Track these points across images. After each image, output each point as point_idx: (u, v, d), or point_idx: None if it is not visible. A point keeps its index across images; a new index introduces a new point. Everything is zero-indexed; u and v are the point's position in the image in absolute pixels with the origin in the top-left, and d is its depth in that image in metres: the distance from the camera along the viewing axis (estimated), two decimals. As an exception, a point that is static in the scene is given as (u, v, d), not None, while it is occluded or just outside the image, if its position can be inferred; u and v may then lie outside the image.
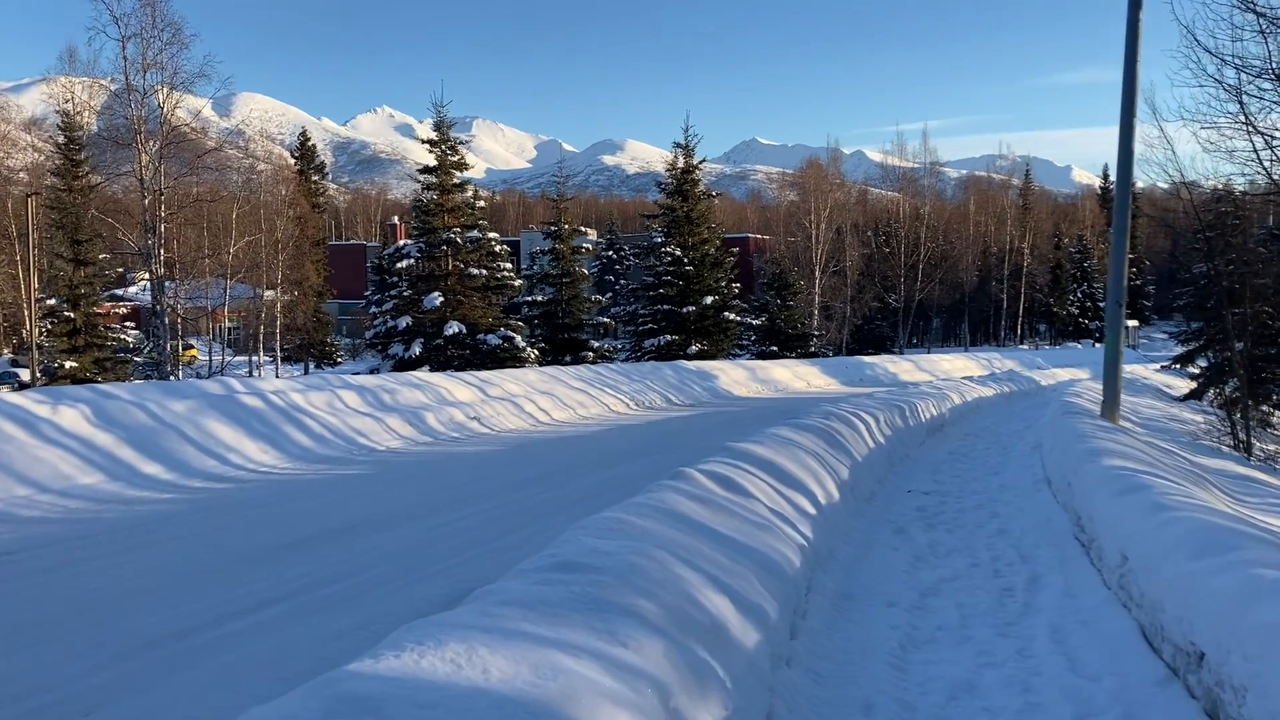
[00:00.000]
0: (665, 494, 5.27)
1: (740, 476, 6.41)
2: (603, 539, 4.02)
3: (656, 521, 4.56)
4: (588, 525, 4.30)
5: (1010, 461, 13.49)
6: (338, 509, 10.34)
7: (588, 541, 3.93)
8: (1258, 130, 18.22)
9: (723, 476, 6.21)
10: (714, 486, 5.95)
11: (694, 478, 5.94)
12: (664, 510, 4.85)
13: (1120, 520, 5.99)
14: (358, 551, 8.17)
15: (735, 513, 5.50)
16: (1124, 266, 12.89)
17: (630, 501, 5.02)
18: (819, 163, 68.52)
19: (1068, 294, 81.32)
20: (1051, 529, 8.32)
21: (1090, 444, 8.71)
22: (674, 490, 5.43)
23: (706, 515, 5.15)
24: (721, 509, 5.43)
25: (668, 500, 5.10)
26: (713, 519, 5.15)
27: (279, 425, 14.62)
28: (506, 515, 9.87)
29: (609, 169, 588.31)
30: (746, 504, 5.95)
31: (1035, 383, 32.55)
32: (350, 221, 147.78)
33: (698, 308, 37.61)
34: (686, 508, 5.09)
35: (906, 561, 7.22)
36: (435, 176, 30.82)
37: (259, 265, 46.11)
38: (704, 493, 5.64)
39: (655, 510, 4.79)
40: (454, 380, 20.01)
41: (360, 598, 6.71)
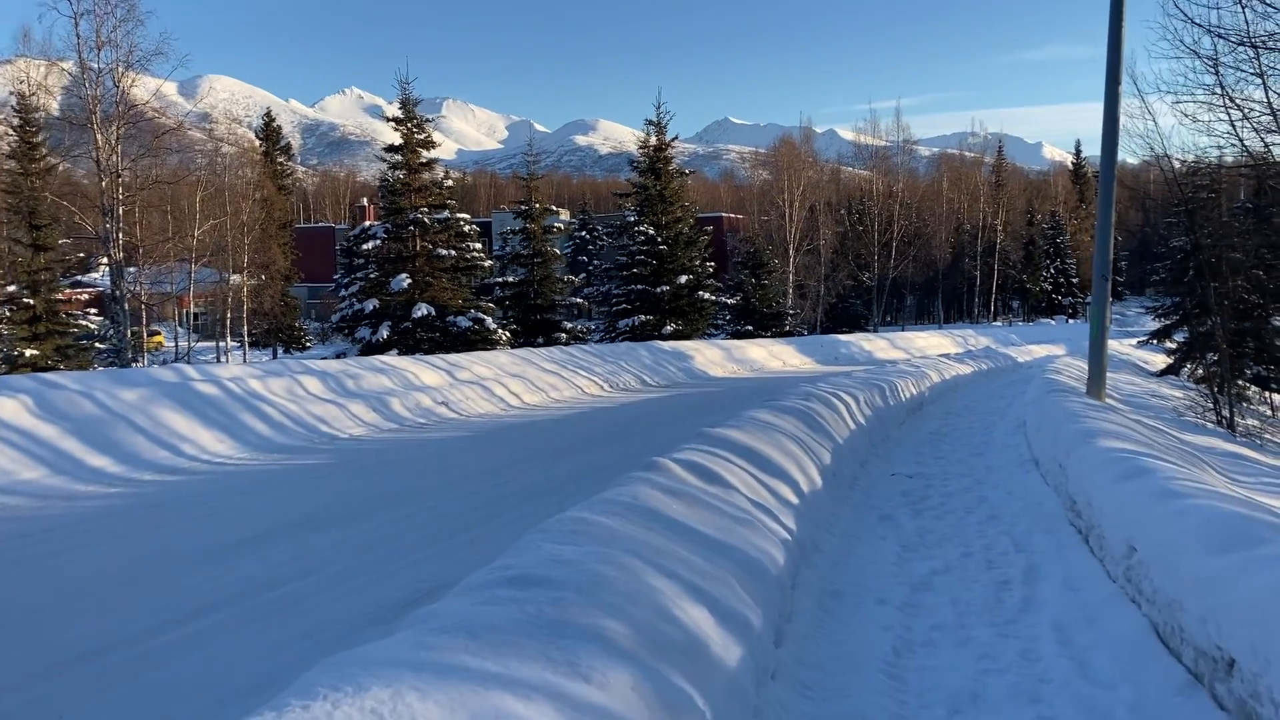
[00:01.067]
0: (636, 488, 4.80)
1: (718, 465, 5.96)
2: (564, 545, 3.55)
3: (626, 521, 4.09)
4: (548, 528, 3.83)
5: (994, 441, 13.13)
6: (294, 502, 9.83)
7: (547, 549, 3.46)
8: (1234, 103, 17.91)
9: (699, 466, 5.75)
10: (690, 477, 5.50)
11: (668, 468, 5.48)
12: (635, 507, 4.38)
13: (1125, 508, 5.58)
14: (312, 549, 7.67)
15: (713, 506, 5.05)
16: (1110, 239, 12.51)
17: (597, 498, 4.55)
18: (792, 141, 68.07)
19: (1041, 270, 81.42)
20: (1044, 513, 7.93)
21: (1083, 424, 8.32)
22: (646, 483, 4.96)
23: (682, 511, 4.70)
24: (698, 503, 4.97)
25: (639, 495, 4.63)
26: (689, 515, 4.69)
27: (236, 413, 14.04)
28: (473, 507, 9.39)
29: (581, 149, 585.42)
30: (725, 495, 5.49)
31: (1012, 359, 32.32)
32: (319, 204, 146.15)
33: (672, 287, 37.10)
34: (660, 503, 4.63)
35: (895, 552, 6.80)
36: (401, 155, 30.08)
37: (224, 249, 45.21)
38: (679, 485, 5.18)
39: (625, 507, 4.33)
40: (421, 364, 19.45)
41: (309, 601, 6.22)
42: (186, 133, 40.00)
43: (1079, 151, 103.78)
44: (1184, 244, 29.47)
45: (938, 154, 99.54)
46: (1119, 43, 12.54)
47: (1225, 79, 17.18)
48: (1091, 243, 75.01)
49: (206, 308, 55.77)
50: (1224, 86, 17.61)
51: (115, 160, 28.70)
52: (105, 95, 29.19)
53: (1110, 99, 12.52)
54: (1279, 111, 17.07)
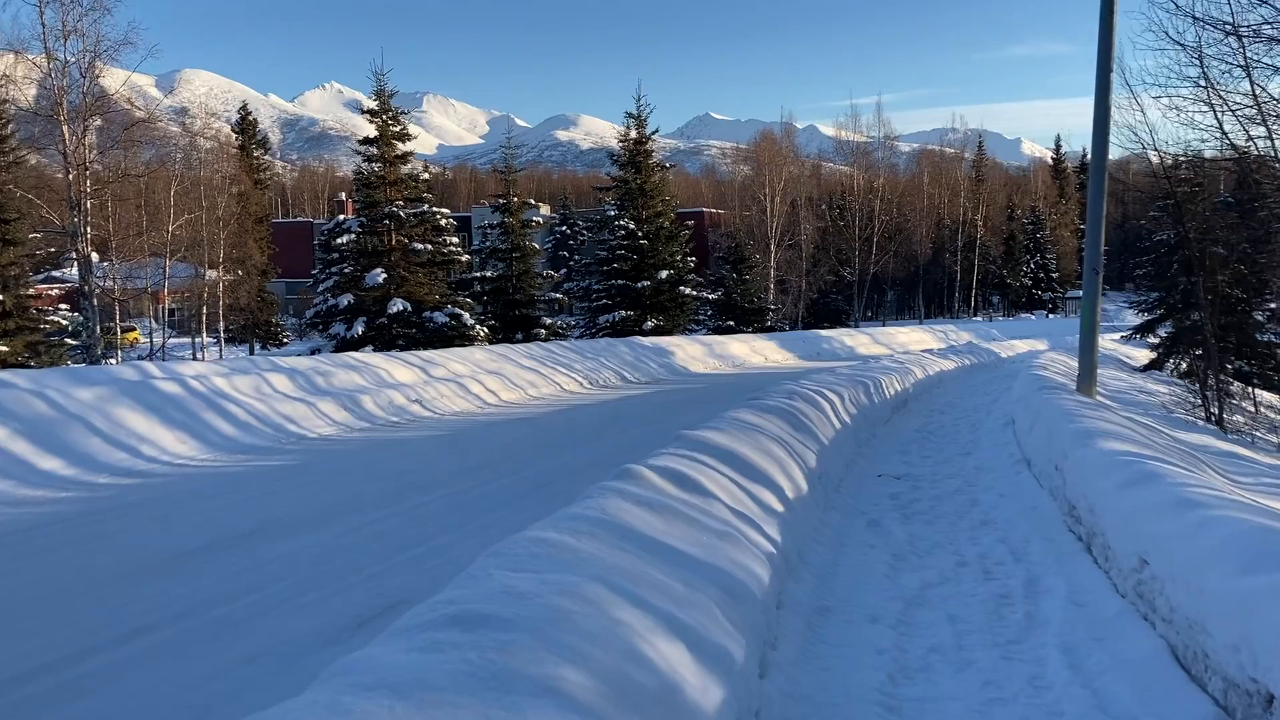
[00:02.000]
0: (607, 500, 4.37)
1: (697, 472, 5.53)
2: (520, 572, 3.11)
3: (593, 540, 3.66)
4: (503, 552, 3.39)
5: (982, 439, 12.77)
6: (254, 507, 9.35)
7: (499, 578, 3.02)
8: (1219, 96, 17.60)
9: (677, 473, 5.32)
10: (667, 486, 5.07)
11: (643, 476, 5.05)
12: (604, 523, 3.95)
13: (1134, 517, 5.19)
14: (267, 559, 7.21)
15: (692, 519, 4.62)
16: (1101, 231, 12.15)
17: (563, 513, 4.11)
18: (773, 136, 67.74)
19: (1021, 265, 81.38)
20: (1040, 519, 7.54)
21: (1079, 424, 7.94)
22: (618, 494, 4.53)
23: (658, 526, 4.27)
24: (676, 515, 4.55)
25: (609, 509, 4.20)
26: (666, 530, 4.26)
27: (199, 413, 13.52)
28: (442, 511, 8.94)
29: (562, 144, 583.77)
30: (705, 505, 5.07)
31: (995, 355, 32.07)
32: (297, 199, 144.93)
33: (653, 282, 36.66)
34: (632, 517, 4.20)
35: (885, 562, 6.39)
36: (377, 148, 29.48)
37: (200, 244, 44.53)
38: (655, 495, 4.75)
39: (593, 524, 3.89)
40: (394, 361, 18.95)
41: (258, 620, 5.75)
42: (159, 126, 39.21)
43: (1059, 147, 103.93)
44: (1168, 238, 29.28)
45: (918, 150, 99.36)
46: (1110, 29, 12.16)
47: (1210, 71, 16.88)
48: (1072, 238, 75.00)
49: (182, 303, 55.00)
50: (1208, 79, 17.31)
51: (83, 153, 28.03)
52: (72, 86, 28.50)
53: (1101, 87, 12.15)
54: (1264, 104, 16.82)
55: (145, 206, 42.78)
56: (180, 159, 48.33)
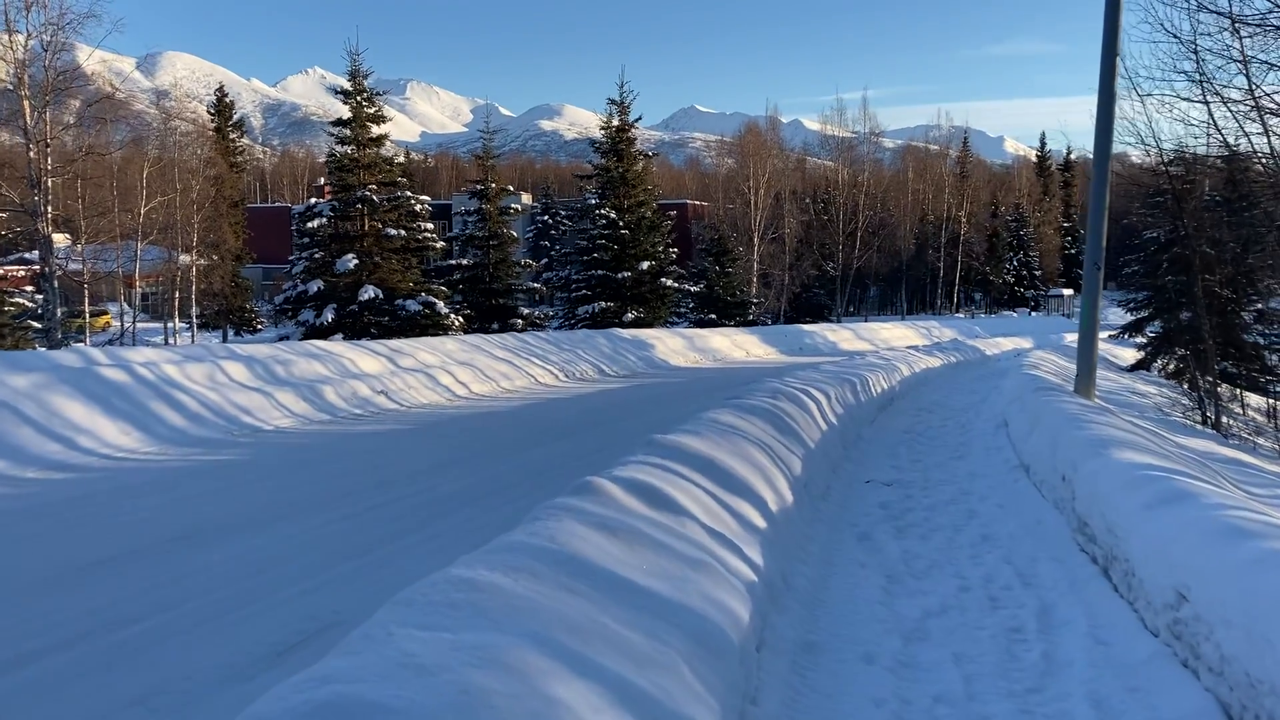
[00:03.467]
0: (558, 523, 3.65)
1: (669, 484, 4.83)
2: (432, 630, 2.40)
3: (534, 580, 2.95)
4: (414, 600, 2.67)
5: (973, 442, 12.12)
6: (192, 506, 8.59)
7: (400, 642, 2.30)
8: (1214, 90, 17.03)
9: (645, 487, 4.61)
10: (632, 503, 4.36)
11: (605, 491, 4.33)
12: (551, 555, 3.24)
13: (1168, 543, 4.52)
14: (191, 569, 6.47)
15: (660, 544, 3.92)
16: (1103, 224, 11.51)
17: (501, 542, 3.39)
18: (757, 128, 67.06)
19: (1004, 262, 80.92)
20: (1046, 534, 6.88)
21: (1089, 431, 7.28)
22: (573, 515, 3.81)
23: (618, 555, 3.56)
24: (642, 540, 3.84)
25: (560, 535, 3.49)
26: (628, 560, 3.56)
27: (146, 402, 12.72)
28: (397, 514, 8.22)
29: (546, 134, 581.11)
30: (677, 525, 4.37)
31: (980, 352, 31.52)
32: (277, 184, 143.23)
33: (634, 273, 35.90)
34: (588, 545, 3.49)
35: (879, 585, 5.71)
36: (350, 130, 28.60)
37: (173, 227, 43.49)
38: (617, 515, 4.04)
39: (537, 556, 3.18)
40: (360, 350, 18.16)
41: (164, 646, 5.02)
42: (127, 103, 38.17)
43: (1043, 144, 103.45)
44: (1158, 236, 28.75)
45: (902, 146, 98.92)
46: (1116, 16, 11.51)
47: (1205, 65, 16.28)
48: (1055, 235, 74.63)
49: (157, 288, 53.92)
50: (1203, 72, 16.72)
51: (44, 129, 27.04)
52: (35, 60, 27.50)
53: (1106, 73, 11.51)
54: (1260, 99, 16.24)
55: (116, 188, 41.82)
56: (154, 140, 47.31)
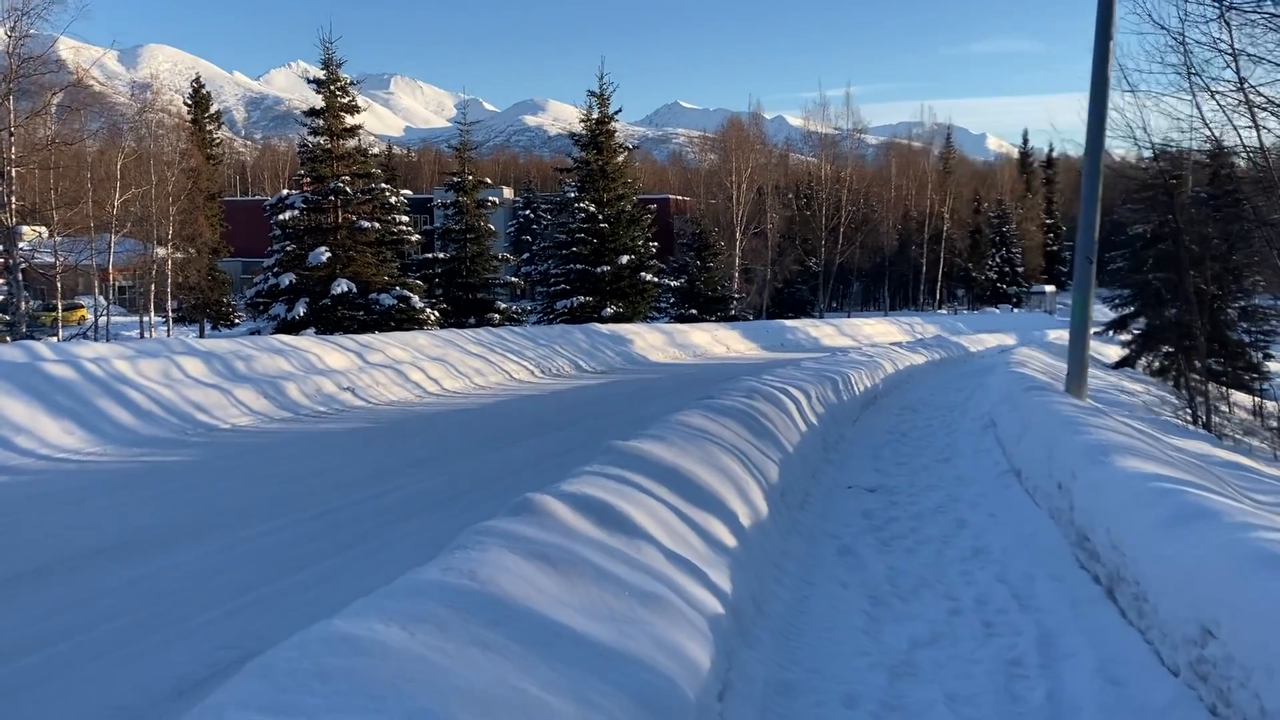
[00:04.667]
0: (484, 554, 3.09)
1: (625, 499, 4.27)
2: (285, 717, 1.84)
3: (440, 634, 2.39)
4: (273, 668, 2.10)
5: (960, 443, 11.62)
6: (122, 515, 7.98)
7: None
8: (1202, 83, 16.59)
9: (597, 504, 4.05)
10: (580, 524, 3.80)
11: (547, 511, 3.77)
12: (468, 597, 2.68)
13: (1190, 570, 3.99)
14: (111, 587, 5.88)
15: (608, 575, 3.36)
16: (1096, 216, 11.01)
17: (409, 583, 2.82)
18: (740, 122, 66.53)
19: (986, 259, 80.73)
20: (1042, 549, 6.36)
21: (1088, 435, 6.76)
22: (504, 543, 3.25)
23: (554, 592, 3.01)
24: (585, 571, 3.28)
25: (484, 570, 2.92)
26: (564, 598, 3.01)
27: (94, 399, 12.09)
28: (349, 520, 7.65)
29: (530, 129, 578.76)
30: (630, 549, 3.81)
31: (963, 349, 31.08)
32: (258, 177, 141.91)
33: (613, 268, 35.29)
34: (519, 582, 2.93)
35: (862, 609, 5.17)
36: (323, 120, 27.89)
37: (148, 219, 42.67)
38: (559, 540, 3.48)
39: (450, 600, 2.62)
40: (326, 345, 17.53)
41: (54, 682, 4.43)
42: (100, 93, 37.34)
43: (1026, 141, 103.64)
44: (1144, 232, 28.35)
45: (885, 142, 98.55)
46: (1110, 5, 11.01)
47: (1194, 58, 15.85)
48: (1038, 232, 74.49)
49: (134, 281, 53.04)
50: (1191, 66, 16.28)
51: (7, 117, 26.26)
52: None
53: (1099, 62, 11.01)
54: (1249, 92, 15.81)
55: (91, 179, 41.10)
56: (129, 131, 46.50)
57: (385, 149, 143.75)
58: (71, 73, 34.34)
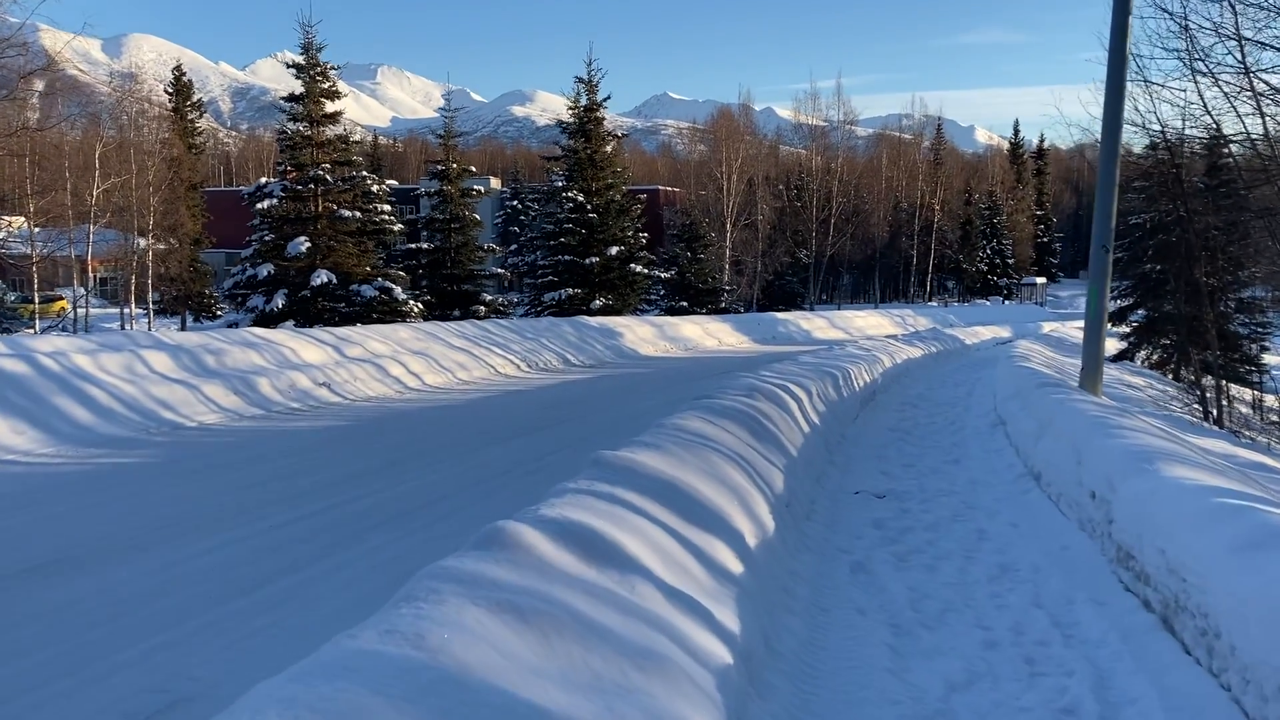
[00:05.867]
0: (439, 609, 2.43)
1: (615, 524, 3.61)
2: None
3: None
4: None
5: (969, 442, 11.00)
6: (62, 525, 7.30)
7: None
8: (1206, 70, 16.01)
9: (582, 532, 3.40)
10: (561, 558, 3.15)
11: (522, 544, 3.11)
12: (409, 676, 2.03)
13: None
14: (36, 612, 5.22)
15: (595, 626, 2.72)
16: (1113, 203, 10.39)
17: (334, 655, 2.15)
18: (730, 113, 65.94)
19: (977, 250, 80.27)
20: (1076, 565, 5.74)
21: (1124, 439, 6.13)
22: (465, 591, 2.59)
23: (527, 656, 2.36)
24: (564, 625, 2.63)
25: (434, 634, 2.27)
26: (540, 665, 2.35)
27: (49, 396, 11.38)
28: (312, 531, 6.99)
29: (519, 120, 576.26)
30: (622, 589, 3.16)
31: (959, 342, 30.52)
32: (242, 168, 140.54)
33: (602, 259, 34.59)
34: (477, 648, 2.28)
35: (884, 641, 4.53)
36: (302, 106, 27.10)
37: (127, 209, 41.85)
38: (535, 585, 2.83)
39: (381, 685, 1.97)
40: (302, 338, 16.82)
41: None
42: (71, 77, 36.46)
43: (1017, 132, 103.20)
44: (1143, 221, 27.80)
45: (875, 134, 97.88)
46: None
47: (1197, 43, 15.28)
48: (1029, 223, 74.10)
49: (115, 272, 52.19)
50: (1194, 51, 15.69)
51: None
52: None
53: (1117, 37, 10.39)
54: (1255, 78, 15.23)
55: (69, 167, 40.36)
56: (108, 120, 45.68)
57: (371, 139, 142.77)
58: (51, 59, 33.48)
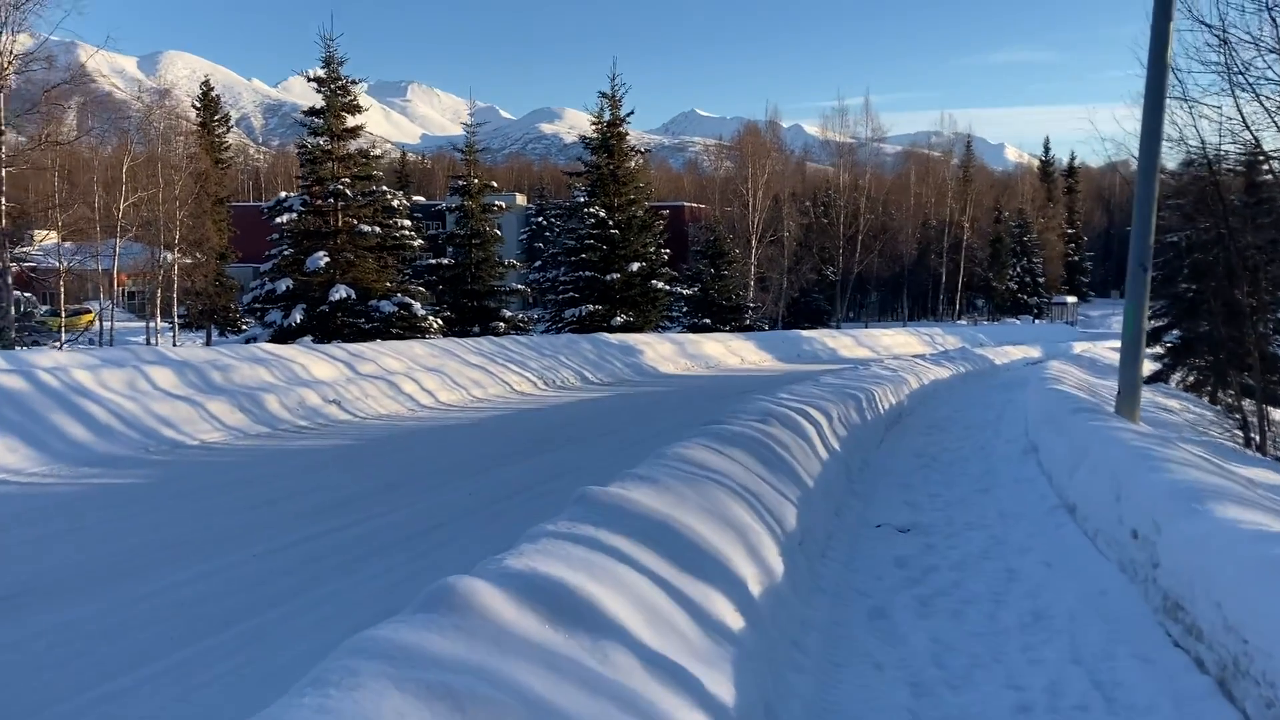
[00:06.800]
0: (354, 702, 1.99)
1: (593, 578, 3.16)
2: None
3: None
4: None
5: (998, 470, 10.46)
6: (34, 553, 6.90)
7: None
8: (1246, 84, 15.46)
9: (551, 588, 2.94)
10: (522, 622, 2.69)
11: (476, 605, 2.66)
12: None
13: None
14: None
15: (551, 711, 2.25)
16: (1151, 219, 9.87)
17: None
18: (756, 129, 65.56)
19: (1007, 269, 79.36)
20: (1117, 612, 5.23)
21: (1170, 473, 5.61)
22: (394, 671, 2.13)
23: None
24: (513, 710, 2.18)
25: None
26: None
27: (46, 414, 11.06)
28: (286, 566, 6.53)
29: (546, 137, 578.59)
30: (594, 659, 2.70)
31: (989, 361, 29.85)
32: (271, 183, 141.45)
33: (623, 275, 34.17)
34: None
35: (904, 705, 4.04)
36: (323, 120, 26.92)
37: (153, 223, 41.99)
38: (482, 660, 2.37)
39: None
40: (313, 354, 16.49)
41: None
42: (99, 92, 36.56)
43: (1047, 149, 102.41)
44: (1178, 240, 27.11)
45: (902, 152, 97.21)
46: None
47: (1236, 56, 14.75)
48: (1059, 242, 73.30)
49: (142, 285, 52.41)
50: (1232, 64, 15.15)
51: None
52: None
53: (1157, 47, 9.88)
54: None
55: (98, 181, 40.60)
56: (136, 133, 45.92)
57: (400, 155, 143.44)
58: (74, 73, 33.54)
